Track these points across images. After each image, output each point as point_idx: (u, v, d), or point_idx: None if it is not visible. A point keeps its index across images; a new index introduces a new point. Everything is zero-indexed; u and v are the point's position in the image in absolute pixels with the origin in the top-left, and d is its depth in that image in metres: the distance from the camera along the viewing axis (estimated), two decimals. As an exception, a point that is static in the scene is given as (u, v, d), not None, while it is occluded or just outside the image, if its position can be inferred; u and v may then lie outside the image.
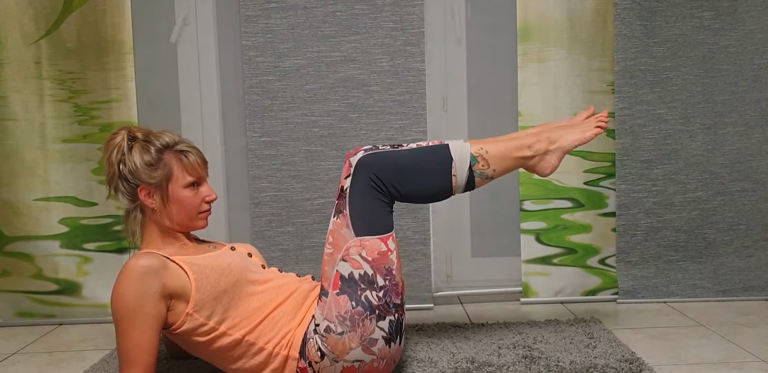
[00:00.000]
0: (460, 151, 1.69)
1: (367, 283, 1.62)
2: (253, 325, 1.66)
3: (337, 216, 1.66)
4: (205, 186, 1.76)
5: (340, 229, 1.65)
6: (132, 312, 1.55)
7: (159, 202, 1.71)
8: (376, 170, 1.64)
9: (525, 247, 2.49)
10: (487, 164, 1.69)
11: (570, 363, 1.76)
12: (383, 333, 1.62)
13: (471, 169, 1.68)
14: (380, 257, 1.64)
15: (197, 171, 1.73)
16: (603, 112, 1.84)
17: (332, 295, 1.63)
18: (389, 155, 1.66)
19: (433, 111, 2.55)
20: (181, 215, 1.72)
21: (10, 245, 2.38)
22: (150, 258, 1.59)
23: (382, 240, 1.64)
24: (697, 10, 2.42)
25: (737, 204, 2.47)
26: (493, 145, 1.71)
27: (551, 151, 1.75)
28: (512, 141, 1.73)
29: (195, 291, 1.61)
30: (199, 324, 1.62)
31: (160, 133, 1.74)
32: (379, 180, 1.64)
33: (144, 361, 1.55)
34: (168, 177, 1.70)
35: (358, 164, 1.64)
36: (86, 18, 2.33)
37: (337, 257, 1.64)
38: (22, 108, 2.35)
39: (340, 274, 1.63)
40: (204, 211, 1.76)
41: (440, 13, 2.54)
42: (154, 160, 1.69)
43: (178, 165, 1.71)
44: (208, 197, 1.76)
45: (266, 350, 1.66)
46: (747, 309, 2.34)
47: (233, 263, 1.70)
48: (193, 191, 1.73)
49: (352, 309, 1.60)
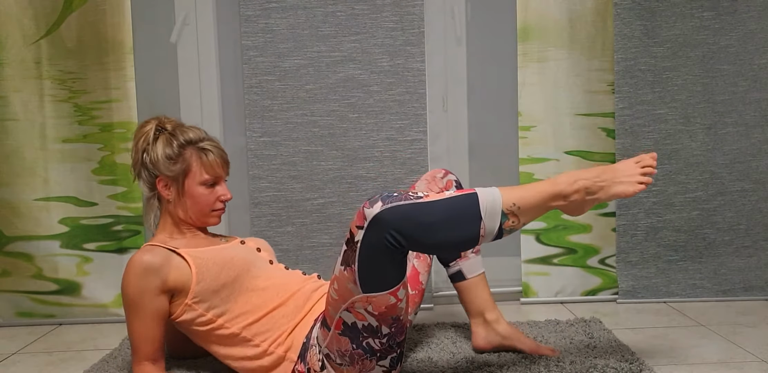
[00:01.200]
0: (491, 208, 1.47)
1: (370, 332, 1.54)
2: (250, 321, 1.68)
3: (345, 267, 1.50)
4: (222, 185, 1.79)
5: (346, 281, 1.51)
6: (134, 305, 1.64)
7: (174, 194, 1.76)
8: (395, 229, 1.43)
9: (525, 247, 2.49)
10: (517, 220, 1.49)
11: (570, 363, 1.76)
12: (384, 368, 1.60)
13: (500, 227, 1.48)
14: (388, 310, 1.51)
15: (215, 170, 1.76)
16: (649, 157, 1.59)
17: (334, 333, 1.57)
18: (410, 212, 1.43)
19: (433, 111, 2.55)
20: (194, 210, 1.77)
21: (10, 245, 2.38)
22: (153, 254, 1.65)
23: (391, 293, 1.50)
24: (697, 10, 2.42)
25: (737, 204, 2.47)
26: (525, 199, 1.50)
27: (587, 201, 1.56)
28: (547, 189, 1.53)
29: (195, 283, 1.66)
30: (197, 315, 1.67)
31: (188, 129, 1.78)
32: (395, 239, 1.44)
33: (147, 349, 1.66)
34: (185, 172, 1.74)
35: (374, 219, 1.44)
36: (86, 18, 2.33)
37: (341, 305, 1.53)
38: (22, 108, 2.35)
39: (343, 320, 1.54)
40: (217, 209, 1.79)
41: (440, 13, 2.54)
42: (174, 154, 1.74)
43: (197, 162, 1.74)
44: (223, 197, 1.78)
45: (261, 348, 1.68)
46: (747, 309, 2.34)
47: (237, 257, 1.73)
48: (208, 189, 1.76)
49: (353, 350, 1.56)
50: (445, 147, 2.58)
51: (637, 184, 1.54)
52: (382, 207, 1.43)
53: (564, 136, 2.47)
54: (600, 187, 1.55)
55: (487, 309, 1.89)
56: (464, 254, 1.89)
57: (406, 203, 1.44)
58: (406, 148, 2.43)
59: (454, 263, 1.90)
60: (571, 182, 1.54)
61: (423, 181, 1.93)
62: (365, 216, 1.45)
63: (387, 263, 1.48)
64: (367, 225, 1.45)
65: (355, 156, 2.43)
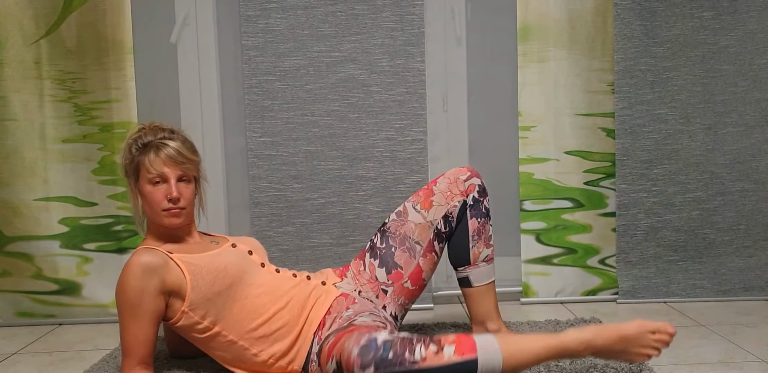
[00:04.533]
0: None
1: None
2: (246, 329, 1.69)
3: None
4: (170, 183, 1.70)
5: None
6: (132, 307, 1.63)
7: (134, 196, 1.76)
8: None
9: (525, 247, 2.49)
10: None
11: (570, 363, 1.76)
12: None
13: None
14: None
15: (156, 167, 1.69)
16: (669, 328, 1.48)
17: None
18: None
19: (433, 111, 2.55)
20: (147, 211, 1.74)
21: (10, 245, 2.38)
22: (151, 255, 1.65)
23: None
24: (697, 10, 2.42)
25: (737, 204, 2.47)
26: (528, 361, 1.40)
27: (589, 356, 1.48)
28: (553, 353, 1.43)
29: (190, 291, 1.65)
30: (194, 322, 1.68)
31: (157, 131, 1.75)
32: None
33: (139, 352, 1.65)
34: (136, 172, 1.73)
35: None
36: (86, 18, 2.33)
37: None
38: (22, 108, 2.35)
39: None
40: (166, 209, 1.70)
41: (440, 13, 2.54)
42: (132, 155, 1.73)
43: (145, 160, 1.71)
44: (169, 195, 1.69)
45: (260, 358, 1.70)
46: (747, 309, 2.34)
47: (231, 264, 1.72)
48: (155, 187, 1.70)
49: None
50: (445, 147, 2.58)
51: (645, 356, 1.47)
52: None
53: (564, 136, 2.47)
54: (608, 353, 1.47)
55: (489, 319, 1.89)
56: (474, 262, 1.90)
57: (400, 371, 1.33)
58: (406, 148, 2.43)
59: (463, 269, 1.91)
60: (583, 347, 1.44)
61: (445, 180, 1.90)
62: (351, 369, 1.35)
63: None
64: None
65: (355, 156, 2.43)
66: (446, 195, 1.88)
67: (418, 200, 1.89)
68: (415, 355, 1.34)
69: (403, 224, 1.88)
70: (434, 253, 1.89)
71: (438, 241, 1.89)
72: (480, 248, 1.88)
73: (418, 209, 1.88)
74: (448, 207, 1.88)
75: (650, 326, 1.47)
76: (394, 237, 1.88)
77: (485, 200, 1.90)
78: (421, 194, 1.90)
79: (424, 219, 1.86)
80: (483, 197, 1.90)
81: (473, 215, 1.89)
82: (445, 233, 1.89)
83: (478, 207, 1.88)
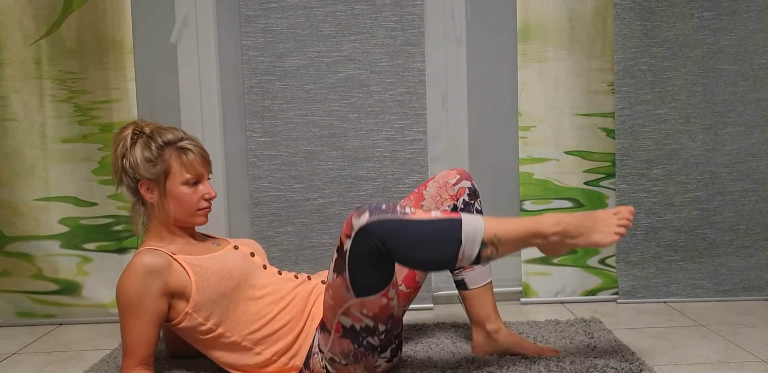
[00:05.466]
0: (472, 236, 1.52)
1: (368, 332, 1.62)
2: (250, 330, 1.70)
3: (337, 274, 1.58)
4: (205, 184, 1.76)
5: (339, 288, 1.58)
6: (133, 308, 1.63)
7: (157, 197, 1.74)
8: (378, 239, 1.50)
9: (525, 247, 2.49)
10: (495, 251, 1.56)
11: (570, 363, 1.76)
12: (386, 359, 1.68)
13: (478, 255, 1.55)
14: (381, 310, 1.60)
15: (196, 169, 1.74)
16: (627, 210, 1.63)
17: (335, 336, 1.64)
18: (394, 228, 1.50)
19: (433, 111, 2.55)
20: (178, 211, 1.74)
21: (10, 245, 2.38)
22: (154, 256, 1.65)
23: (383, 295, 1.58)
24: (697, 10, 2.42)
25: (737, 204, 2.47)
26: (507, 232, 1.55)
27: (565, 244, 1.60)
28: (529, 227, 1.57)
29: (195, 293, 1.66)
30: (198, 323, 1.68)
31: (166, 130, 1.76)
32: (379, 249, 1.51)
33: (141, 352, 1.65)
34: (166, 173, 1.72)
35: (361, 230, 1.50)
36: (86, 18, 2.33)
37: (338, 310, 1.61)
38: (22, 108, 2.35)
39: (342, 324, 1.62)
40: (202, 208, 1.76)
41: (440, 13, 2.54)
42: (153, 156, 1.72)
43: (177, 162, 1.72)
44: (207, 195, 1.76)
45: (263, 356, 1.71)
46: (747, 309, 2.34)
47: (235, 266, 1.72)
48: (191, 189, 1.74)
49: (355, 349, 1.63)
50: (445, 147, 2.58)
51: (613, 234, 1.58)
52: (369, 219, 1.50)
53: (564, 136, 2.47)
54: (580, 233, 1.58)
55: (488, 320, 1.89)
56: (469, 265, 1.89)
57: (392, 218, 1.51)
58: (406, 148, 2.43)
59: (458, 272, 1.90)
60: (553, 224, 1.57)
61: (435, 184, 1.89)
62: (352, 226, 1.51)
63: (375, 269, 1.55)
64: (354, 235, 1.51)
65: (355, 156, 2.43)
66: (436, 200, 1.87)
67: (409, 204, 1.89)
68: (406, 210, 1.54)
69: None
70: None
71: None
72: None
73: None
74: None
75: (612, 210, 1.62)
76: None
77: (476, 202, 1.88)
78: (412, 198, 1.90)
79: None
80: (474, 199, 1.88)
81: None
82: None
83: (469, 210, 1.87)
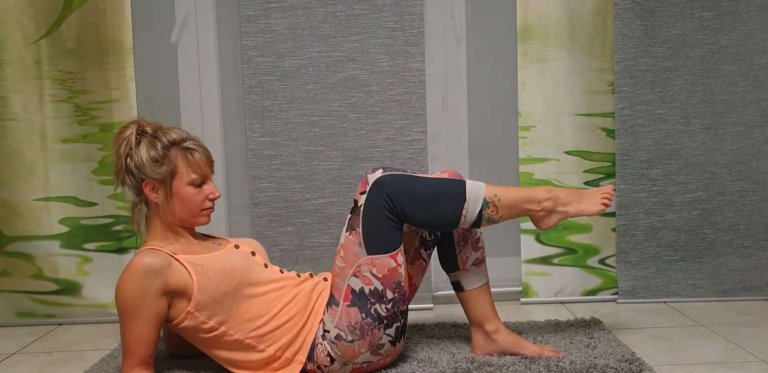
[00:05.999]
0: (475, 193, 1.71)
1: (377, 297, 1.68)
2: (253, 327, 1.70)
3: (350, 232, 1.70)
4: (209, 184, 1.78)
5: (352, 245, 1.70)
6: (133, 308, 1.63)
7: (162, 197, 1.74)
8: (389, 191, 1.67)
9: (525, 247, 2.49)
10: (496, 210, 1.72)
11: (570, 363, 1.76)
12: (390, 338, 1.72)
13: (480, 212, 1.71)
14: (390, 273, 1.69)
15: (201, 169, 1.75)
16: (609, 187, 1.84)
17: (343, 306, 1.69)
18: (406, 180, 1.69)
19: (433, 111, 2.55)
20: (183, 211, 1.75)
21: (10, 245, 2.38)
22: (154, 256, 1.64)
23: (392, 257, 1.69)
24: (697, 10, 2.42)
25: (737, 204, 2.47)
26: (506, 194, 1.73)
27: (557, 212, 1.78)
28: (525, 193, 1.76)
29: (197, 292, 1.66)
30: (200, 322, 1.67)
31: (169, 130, 1.76)
32: (391, 201, 1.67)
33: (140, 353, 1.65)
34: (172, 173, 1.73)
35: (375, 183, 1.68)
36: (86, 18, 2.33)
37: (349, 272, 1.70)
38: (22, 108, 2.35)
39: (351, 288, 1.69)
40: (207, 208, 1.78)
41: (440, 13, 2.54)
42: (159, 156, 1.72)
43: (183, 162, 1.73)
44: (212, 195, 1.77)
45: (266, 352, 1.71)
46: (747, 309, 2.34)
47: (236, 265, 1.72)
48: (196, 189, 1.75)
49: (362, 320, 1.68)
50: (445, 147, 2.58)
51: (599, 204, 1.79)
52: (383, 173, 1.69)
53: (564, 136, 2.47)
54: (570, 200, 1.78)
55: (486, 320, 1.89)
56: (463, 266, 1.89)
57: (404, 174, 1.70)
58: (406, 148, 2.43)
59: (453, 274, 1.90)
60: (546, 191, 1.77)
61: None
62: (368, 181, 1.69)
63: (387, 227, 1.68)
64: (369, 189, 1.68)
65: (355, 156, 2.43)
66: None
67: None
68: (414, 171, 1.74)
69: None
70: (422, 259, 1.91)
71: (425, 248, 1.90)
72: (467, 252, 1.88)
73: None
74: None
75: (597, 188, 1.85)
76: None
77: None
78: None
79: (408, 228, 1.86)
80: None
81: None
82: (431, 240, 1.89)
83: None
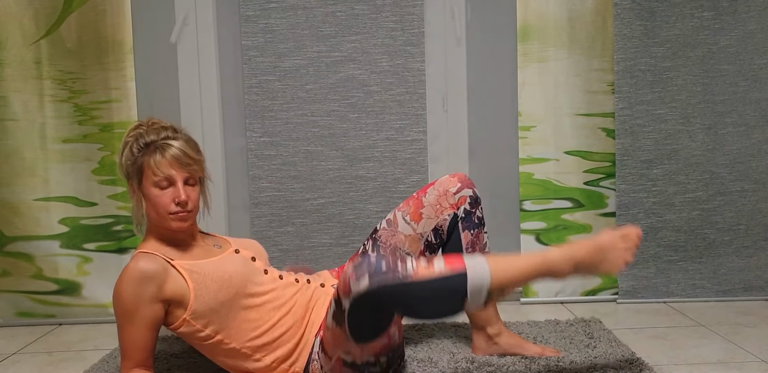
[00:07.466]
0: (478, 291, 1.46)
1: (371, 365, 1.62)
2: (250, 337, 1.67)
3: (336, 325, 1.54)
4: (178, 186, 1.63)
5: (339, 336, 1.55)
6: (128, 313, 1.60)
7: (137, 198, 1.68)
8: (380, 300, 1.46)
9: (525, 247, 2.49)
10: (501, 295, 1.51)
11: (570, 363, 1.76)
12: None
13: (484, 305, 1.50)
14: (383, 347, 1.60)
15: (162, 170, 1.62)
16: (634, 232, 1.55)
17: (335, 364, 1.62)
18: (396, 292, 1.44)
19: (433, 111, 2.55)
20: (153, 214, 1.67)
21: (10, 245, 2.38)
22: (150, 262, 1.60)
23: (384, 335, 1.57)
24: (697, 10, 2.42)
25: (737, 204, 2.47)
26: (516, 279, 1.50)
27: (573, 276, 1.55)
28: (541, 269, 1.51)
29: (193, 300, 1.62)
30: (196, 330, 1.65)
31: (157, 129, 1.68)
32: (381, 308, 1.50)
33: (137, 356, 1.62)
34: (139, 173, 1.65)
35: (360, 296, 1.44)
36: (86, 18, 2.33)
37: (339, 350, 1.59)
38: (22, 108, 2.35)
39: (343, 359, 1.60)
40: (173, 212, 1.63)
41: (440, 13, 2.54)
42: (134, 156, 1.65)
43: (149, 162, 1.63)
44: (177, 199, 1.62)
45: (263, 362, 1.69)
46: (747, 309, 2.34)
47: (235, 273, 1.68)
48: (162, 191, 1.63)
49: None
50: (444, 147, 2.58)
51: (621, 264, 1.53)
52: (368, 286, 1.42)
53: (564, 136, 2.47)
54: (588, 265, 1.53)
55: (488, 323, 1.88)
56: None
57: (393, 283, 1.42)
58: (406, 148, 2.43)
59: None
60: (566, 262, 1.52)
61: (434, 191, 1.85)
62: (351, 290, 1.44)
63: (375, 320, 1.53)
64: (352, 299, 1.45)
65: (355, 156, 2.43)
66: (436, 208, 1.84)
67: (408, 211, 1.86)
68: (407, 268, 1.44)
69: (393, 234, 1.86)
70: None
71: (429, 252, 1.87)
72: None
73: (408, 220, 1.85)
74: (437, 220, 1.84)
75: (618, 232, 1.54)
76: (384, 247, 1.86)
77: (478, 210, 1.85)
78: (411, 204, 1.86)
79: (413, 231, 1.84)
80: (475, 207, 1.85)
81: (465, 227, 1.85)
82: (436, 244, 1.87)
83: (470, 219, 1.84)
